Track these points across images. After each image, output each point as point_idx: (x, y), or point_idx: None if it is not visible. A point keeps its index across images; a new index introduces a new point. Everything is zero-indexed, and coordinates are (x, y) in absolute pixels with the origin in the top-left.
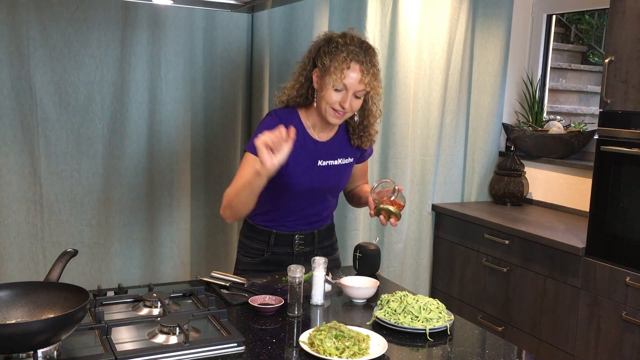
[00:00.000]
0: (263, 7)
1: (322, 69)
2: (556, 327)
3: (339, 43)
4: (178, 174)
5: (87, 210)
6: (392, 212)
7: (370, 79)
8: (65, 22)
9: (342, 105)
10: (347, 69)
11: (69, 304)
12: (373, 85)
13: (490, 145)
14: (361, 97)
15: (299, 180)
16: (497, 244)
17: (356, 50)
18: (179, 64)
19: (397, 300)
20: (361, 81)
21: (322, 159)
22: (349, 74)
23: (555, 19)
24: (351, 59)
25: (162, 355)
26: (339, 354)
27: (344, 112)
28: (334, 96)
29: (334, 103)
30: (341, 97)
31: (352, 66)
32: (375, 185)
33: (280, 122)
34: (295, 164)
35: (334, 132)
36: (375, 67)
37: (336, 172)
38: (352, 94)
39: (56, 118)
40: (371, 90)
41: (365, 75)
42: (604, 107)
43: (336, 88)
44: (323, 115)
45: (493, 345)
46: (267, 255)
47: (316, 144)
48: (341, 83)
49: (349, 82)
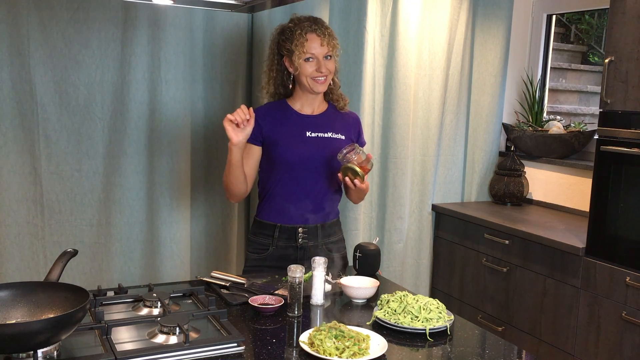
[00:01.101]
0: (263, 7)
1: (288, 54)
2: (556, 327)
3: (290, 27)
4: (178, 174)
5: (88, 210)
6: (357, 172)
7: (329, 39)
8: (65, 22)
9: (320, 70)
10: (306, 41)
11: (69, 304)
12: (333, 44)
13: (490, 145)
14: (332, 57)
15: (290, 150)
16: (497, 244)
17: (306, 23)
18: (179, 64)
19: (397, 300)
20: (322, 44)
21: (311, 130)
22: (310, 44)
23: (555, 19)
24: (306, 31)
25: (162, 355)
26: (339, 354)
27: (324, 76)
28: (309, 67)
29: (312, 73)
30: (315, 65)
31: (309, 37)
32: (343, 150)
33: (270, 109)
34: (284, 136)
35: (322, 109)
36: (328, 28)
37: (326, 144)
38: (323, 57)
39: (56, 118)
40: (334, 48)
41: (323, 37)
42: (604, 107)
43: (306, 58)
44: (309, 89)
45: (493, 345)
46: (272, 250)
47: (301, 117)
48: (308, 53)
49: (314, 49)
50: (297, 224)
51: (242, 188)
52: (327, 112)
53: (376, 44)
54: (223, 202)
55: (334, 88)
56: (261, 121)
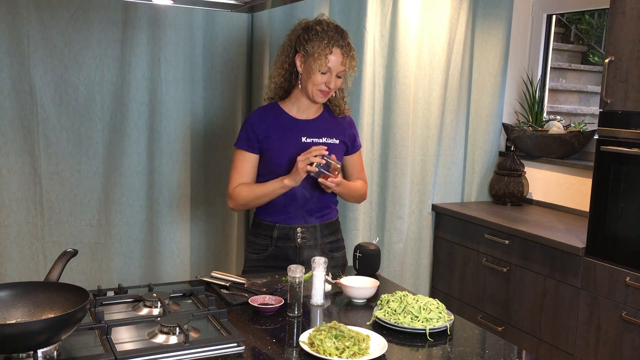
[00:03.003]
0: (263, 7)
1: (305, 54)
2: (556, 327)
3: (318, 30)
4: (178, 173)
5: (87, 210)
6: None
7: (350, 61)
8: (65, 22)
9: (328, 86)
10: (330, 54)
11: (69, 304)
12: (351, 65)
13: (490, 145)
14: (342, 77)
15: (286, 157)
16: (497, 244)
17: (335, 36)
18: (179, 64)
19: (397, 300)
20: (342, 63)
21: (306, 135)
22: (332, 58)
23: (555, 19)
24: (332, 44)
25: (162, 355)
26: (339, 354)
27: (329, 91)
28: (320, 78)
29: (321, 85)
30: (326, 78)
31: (334, 51)
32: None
33: (264, 114)
34: (279, 142)
35: (317, 113)
36: (352, 48)
37: None
38: (335, 75)
39: (56, 118)
40: (350, 69)
41: (345, 58)
42: (604, 107)
43: (322, 72)
44: (309, 96)
45: (493, 345)
46: (272, 250)
47: (297, 122)
48: (326, 67)
49: (333, 65)
50: (296, 224)
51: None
52: (322, 115)
53: (376, 44)
54: (223, 202)
55: (336, 98)
56: (256, 128)
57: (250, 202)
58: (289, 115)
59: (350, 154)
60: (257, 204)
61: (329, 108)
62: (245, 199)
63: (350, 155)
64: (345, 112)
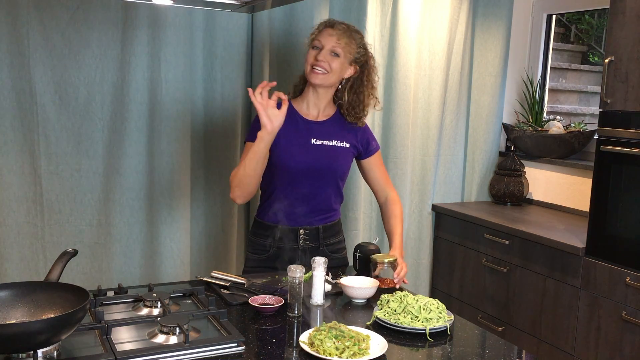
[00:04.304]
0: (263, 7)
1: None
2: (556, 327)
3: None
4: (178, 173)
5: (87, 210)
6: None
7: (342, 37)
8: (65, 22)
9: (318, 59)
10: (322, 29)
11: (69, 304)
12: (345, 43)
13: (490, 145)
14: (340, 56)
15: (294, 158)
16: (497, 244)
17: (333, 20)
18: (179, 64)
19: (397, 300)
20: (331, 35)
21: (316, 137)
22: (323, 33)
23: (555, 19)
24: (326, 25)
25: (162, 355)
26: (339, 354)
27: (321, 68)
28: (311, 54)
29: (312, 61)
30: (317, 53)
31: (327, 29)
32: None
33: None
34: (288, 142)
35: (328, 114)
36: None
37: (331, 153)
38: (328, 51)
39: (56, 118)
40: (344, 47)
41: (337, 32)
42: (604, 107)
43: (313, 46)
44: (307, 77)
45: (493, 345)
46: (273, 251)
47: (308, 123)
48: (316, 40)
49: (322, 38)
50: (299, 225)
51: (256, 186)
52: (333, 117)
53: (376, 44)
54: (223, 202)
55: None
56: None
57: (243, 178)
58: (300, 115)
59: (367, 157)
60: (251, 179)
61: (341, 112)
62: (238, 177)
63: (368, 158)
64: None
